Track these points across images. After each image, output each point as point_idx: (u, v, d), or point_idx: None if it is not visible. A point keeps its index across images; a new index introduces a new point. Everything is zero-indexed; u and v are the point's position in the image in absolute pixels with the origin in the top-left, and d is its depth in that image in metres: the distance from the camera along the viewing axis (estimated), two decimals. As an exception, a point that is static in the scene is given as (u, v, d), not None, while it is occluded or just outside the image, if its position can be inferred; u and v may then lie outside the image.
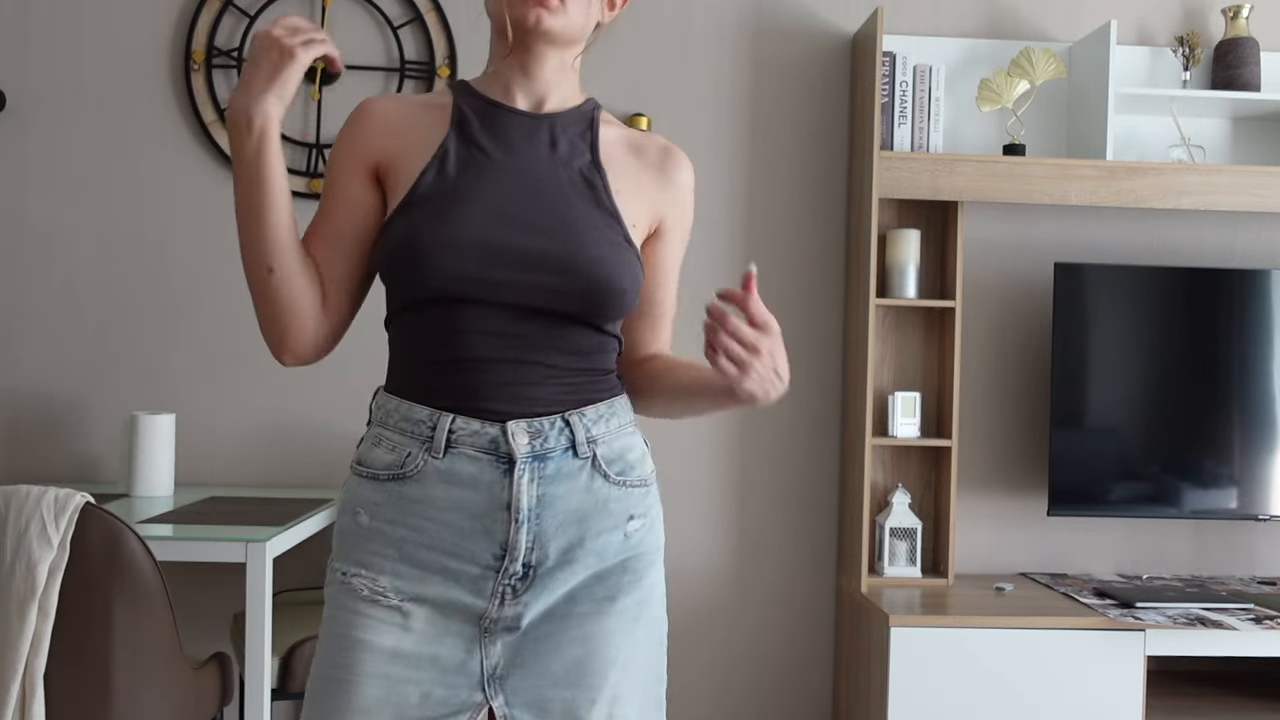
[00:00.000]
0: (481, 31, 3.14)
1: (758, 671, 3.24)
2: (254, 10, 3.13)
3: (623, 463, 1.41)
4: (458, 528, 1.34)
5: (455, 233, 1.32)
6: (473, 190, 1.35)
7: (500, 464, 1.33)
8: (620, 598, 1.39)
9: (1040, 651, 2.76)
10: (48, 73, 3.13)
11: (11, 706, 2.07)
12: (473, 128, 1.41)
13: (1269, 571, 3.29)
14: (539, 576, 1.36)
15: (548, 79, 1.43)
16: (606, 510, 1.39)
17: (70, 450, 3.13)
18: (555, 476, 1.35)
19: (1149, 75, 3.23)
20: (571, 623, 1.37)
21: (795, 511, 3.25)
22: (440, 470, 1.34)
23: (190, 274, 3.14)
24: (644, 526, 1.43)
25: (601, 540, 1.38)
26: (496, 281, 1.32)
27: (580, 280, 1.33)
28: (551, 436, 1.35)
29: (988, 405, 3.24)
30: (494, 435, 1.33)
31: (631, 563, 1.41)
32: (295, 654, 2.50)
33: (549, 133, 1.42)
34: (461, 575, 1.35)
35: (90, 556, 2.13)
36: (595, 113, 1.47)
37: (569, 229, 1.35)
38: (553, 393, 1.36)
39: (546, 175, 1.39)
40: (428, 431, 1.35)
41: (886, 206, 3.16)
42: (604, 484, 1.38)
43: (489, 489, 1.33)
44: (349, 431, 3.12)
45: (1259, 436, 3.12)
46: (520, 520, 1.34)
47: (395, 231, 1.35)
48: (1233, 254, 3.28)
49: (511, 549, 1.34)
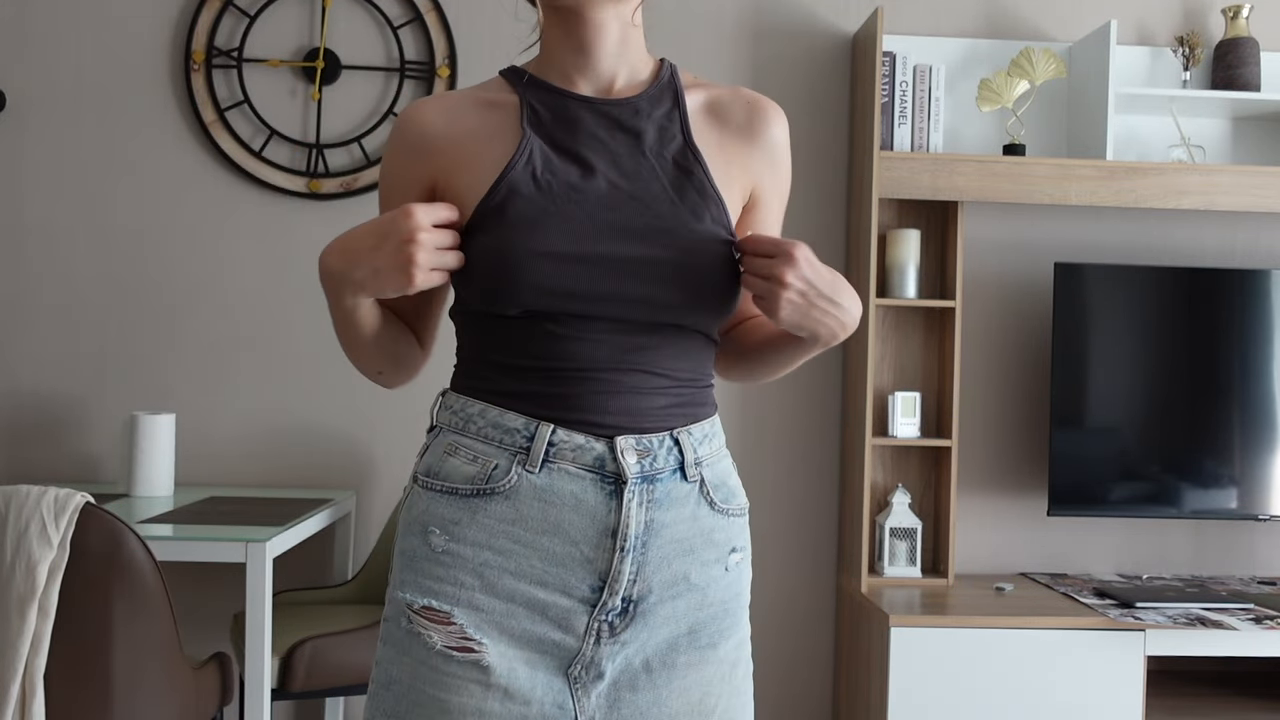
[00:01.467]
0: (482, 31, 3.15)
1: (758, 671, 3.23)
2: (254, 10, 3.13)
3: (726, 489, 1.29)
4: (552, 554, 1.20)
5: (548, 246, 1.18)
6: (562, 197, 1.20)
7: (607, 484, 1.20)
8: (721, 644, 1.28)
9: (1040, 651, 2.75)
10: (48, 73, 3.13)
11: (11, 706, 2.07)
12: (548, 126, 1.25)
13: (1269, 571, 3.29)
14: (639, 613, 1.22)
15: (612, 53, 1.26)
16: (711, 541, 1.26)
17: (70, 450, 3.13)
18: (664, 501, 1.22)
19: (1149, 75, 3.23)
20: (677, 673, 1.25)
21: (795, 511, 3.25)
22: (536, 487, 1.20)
23: (190, 274, 3.14)
24: (743, 560, 1.31)
25: (705, 574, 1.26)
26: (596, 296, 1.19)
27: (687, 290, 1.21)
28: (660, 456, 1.22)
29: (988, 405, 3.24)
30: (600, 452, 1.20)
31: (731, 604, 1.29)
32: (295, 654, 2.50)
33: (635, 120, 1.26)
34: (551, 608, 1.21)
35: (90, 556, 2.13)
36: (676, 81, 1.30)
37: (670, 232, 1.20)
38: (662, 404, 1.23)
39: (639, 171, 1.23)
40: (523, 442, 1.20)
41: (886, 206, 3.16)
42: (709, 511, 1.26)
43: (592, 512, 1.20)
44: (349, 431, 3.13)
45: (1259, 436, 3.11)
46: (626, 549, 1.20)
47: (479, 250, 1.20)
48: (1233, 254, 3.28)
49: (613, 581, 1.20)
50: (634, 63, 1.29)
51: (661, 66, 1.31)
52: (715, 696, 1.27)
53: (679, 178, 1.24)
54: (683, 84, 1.30)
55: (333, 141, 3.15)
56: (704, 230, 1.22)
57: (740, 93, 1.33)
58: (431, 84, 3.16)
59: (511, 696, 1.20)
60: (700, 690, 1.26)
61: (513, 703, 1.20)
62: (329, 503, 2.84)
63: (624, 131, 1.25)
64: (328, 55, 3.14)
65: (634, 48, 1.29)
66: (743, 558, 1.31)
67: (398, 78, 3.16)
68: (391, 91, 3.16)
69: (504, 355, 1.23)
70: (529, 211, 1.19)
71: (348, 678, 2.54)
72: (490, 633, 1.20)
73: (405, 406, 3.11)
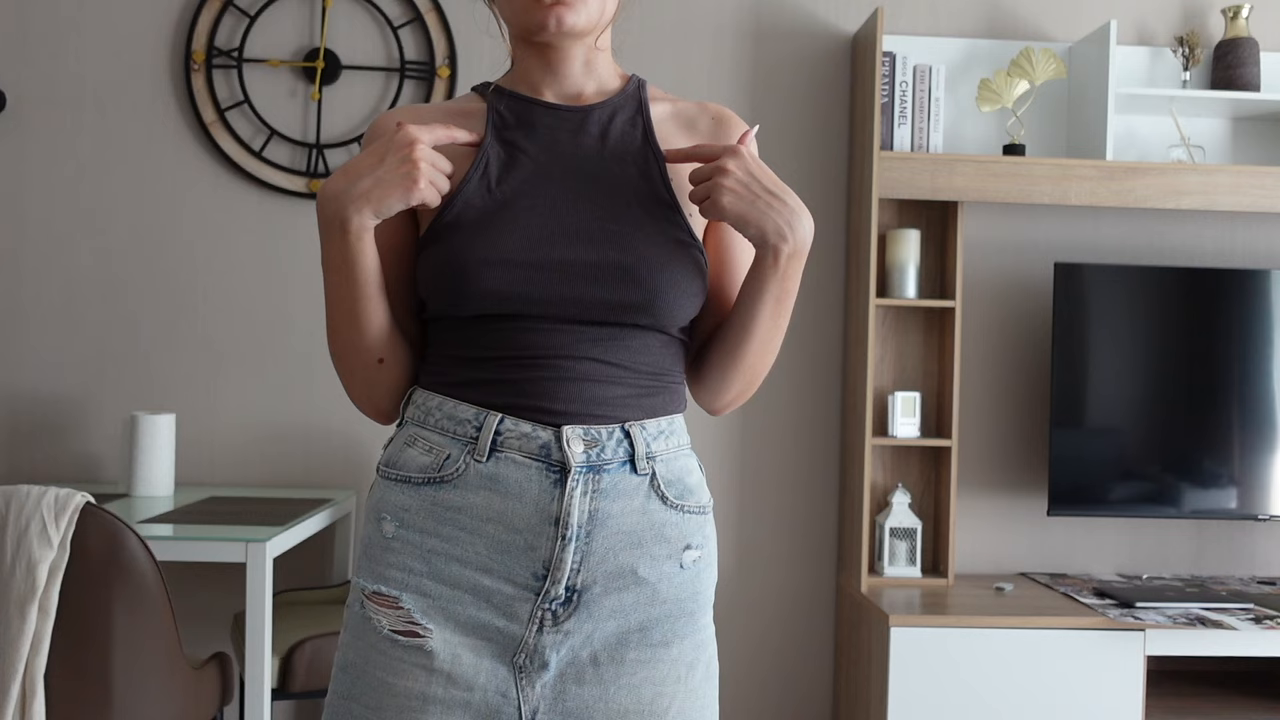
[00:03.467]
0: (482, 31, 3.15)
1: (758, 671, 3.24)
2: (254, 10, 3.13)
3: (682, 485, 1.28)
4: (496, 541, 1.22)
5: (500, 251, 1.20)
6: (517, 200, 1.24)
7: (551, 472, 1.21)
8: (675, 644, 1.26)
9: (1040, 651, 2.76)
10: (48, 73, 3.13)
11: (11, 706, 2.07)
12: (511, 130, 1.29)
13: (1269, 571, 3.30)
14: (583, 603, 1.22)
15: (578, 72, 1.31)
16: (662, 536, 1.25)
17: (70, 450, 3.13)
18: (610, 492, 1.22)
19: (1149, 75, 3.23)
20: (625, 669, 1.24)
21: (795, 511, 3.25)
22: (484, 475, 1.22)
23: (190, 274, 3.14)
24: (700, 559, 1.30)
25: (655, 570, 1.25)
26: (549, 299, 1.20)
27: (642, 290, 1.21)
28: (609, 447, 1.22)
29: (988, 405, 3.24)
30: (546, 440, 1.21)
31: (688, 603, 1.28)
32: (295, 654, 2.50)
33: (597, 125, 1.29)
34: (495, 595, 1.22)
35: (90, 556, 2.13)
36: (642, 92, 1.34)
37: (626, 234, 1.22)
38: (616, 394, 1.24)
39: (597, 174, 1.26)
40: (472, 431, 1.23)
41: (886, 206, 3.16)
42: (661, 506, 1.25)
43: (536, 500, 1.21)
44: (349, 431, 3.13)
45: (1259, 436, 3.12)
46: (568, 537, 1.21)
47: (433, 255, 1.24)
48: (1233, 254, 3.28)
49: (555, 569, 1.21)
50: (602, 77, 1.34)
51: (629, 80, 1.35)
52: (668, 698, 1.26)
53: (638, 179, 1.27)
54: (649, 96, 1.34)
55: (333, 142, 3.15)
56: (659, 233, 1.24)
57: (707, 106, 1.36)
58: (431, 84, 3.16)
59: (454, 682, 1.21)
60: (652, 690, 1.25)
61: (455, 688, 1.21)
62: (329, 503, 2.84)
63: (586, 136, 1.29)
64: (328, 55, 3.14)
65: (601, 65, 1.34)
66: (701, 557, 1.30)
67: (398, 78, 3.16)
68: (391, 92, 3.16)
69: (461, 349, 1.26)
70: (480, 220, 1.23)
71: (348, 678, 2.54)
72: (436, 618, 1.22)
73: (405, 406, 3.11)
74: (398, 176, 1.19)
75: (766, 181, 1.22)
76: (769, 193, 1.22)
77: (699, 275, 1.26)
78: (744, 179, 1.21)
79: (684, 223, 1.26)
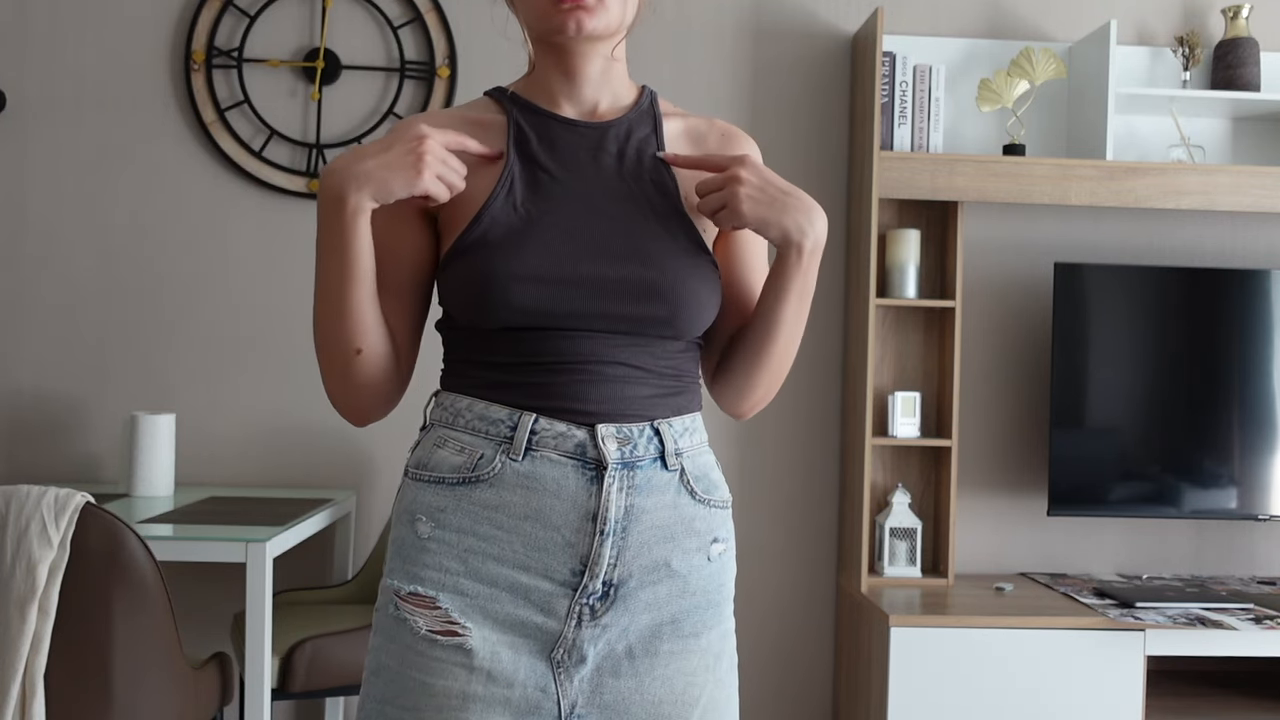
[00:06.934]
0: (482, 31, 3.15)
1: (757, 671, 3.23)
2: (254, 10, 3.13)
3: (707, 480, 1.32)
4: (534, 539, 1.24)
5: (530, 268, 1.23)
6: (543, 219, 1.26)
7: (587, 470, 1.23)
8: (705, 634, 1.30)
9: (1040, 651, 2.76)
10: (48, 73, 3.13)
11: (11, 706, 2.07)
12: (533, 147, 1.31)
13: (1269, 571, 3.30)
14: (620, 597, 1.25)
15: (595, 80, 1.34)
16: (692, 529, 1.29)
17: (70, 450, 3.13)
18: (644, 487, 1.26)
19: (1149, 75, 3.23)
20: (659, 661, 1.27)
21: (795, 511, 3.25)
22: (519, 474, 1.24)
23: (190, 274, 3.14)
24: (725, 552, 1.34)
25: (686, 562, 1.29)
26: (578, 313, 1.23)
27: (666, 305, 1.25)
28: (641, 445, 1.26)
29: (988, 405, 3.24)
30: (581, 439, 1.24)
31: (715, 594, 1.32)
32: (295, 654, 2.50)
33: (614, 143, 1.32)
34: (533, 592, 1.24)
35: (90, 556, 2.13)
36: (655, 107, 1.37)
37: (648, 250, 1.26)
38: (644, 394, 1.27)
39: (617, 191, 1.30)
40: (506, 431, 1.25)
41: (886, 206, 3.16)
42: (690, 501, 1.29)
43: (573, 497, 1.23)
44: (349, 431, 3.12)
45: (1259, 436, 3.12)
46: (606, 532, 1.23)
47: (462, 269, 1.25)
48: (1233, 254, 3.28)
49: (593, 564, 1.23)
50: (616, 89, 1.36)
51: (642, 93, 1.38)
52: (699, 687, 1.29)
53: (656, 196, 1.31)
54: (661, 111, 1.37)
55: (333, 142, 3.15)
56: (681, 247, 1.28)
57: (715, 122, 1.41)
58: (431, 84, 3.16)
59: (495, 679, 1.23)
60: (684, 680, 1.28)
61: (496, 685, 1.23)
62: (329, 503, 2.84)
63: (605, 153, 1.32)
64: (328, 55, 3.14)
65: (616, 76, 1.37)
66: (725, 549, 1.34)
67: (398, 78, 3.16)
68: (391, 92, 3.16)
69: (489, 355, 1.27)
70: (509, 237, 1.24)
71: (348, 678, 2.55)
72: (474, 617, 1.24)
73: (405, 406, 3.09)
74: (403, 164, 1.21)
75: (779, 183, 1.27)
76: (784, 193, 1.27)
77: (716, 286, 1.30)
78: (758, 184, 1.26)
79: (699, 236, 1.30)
